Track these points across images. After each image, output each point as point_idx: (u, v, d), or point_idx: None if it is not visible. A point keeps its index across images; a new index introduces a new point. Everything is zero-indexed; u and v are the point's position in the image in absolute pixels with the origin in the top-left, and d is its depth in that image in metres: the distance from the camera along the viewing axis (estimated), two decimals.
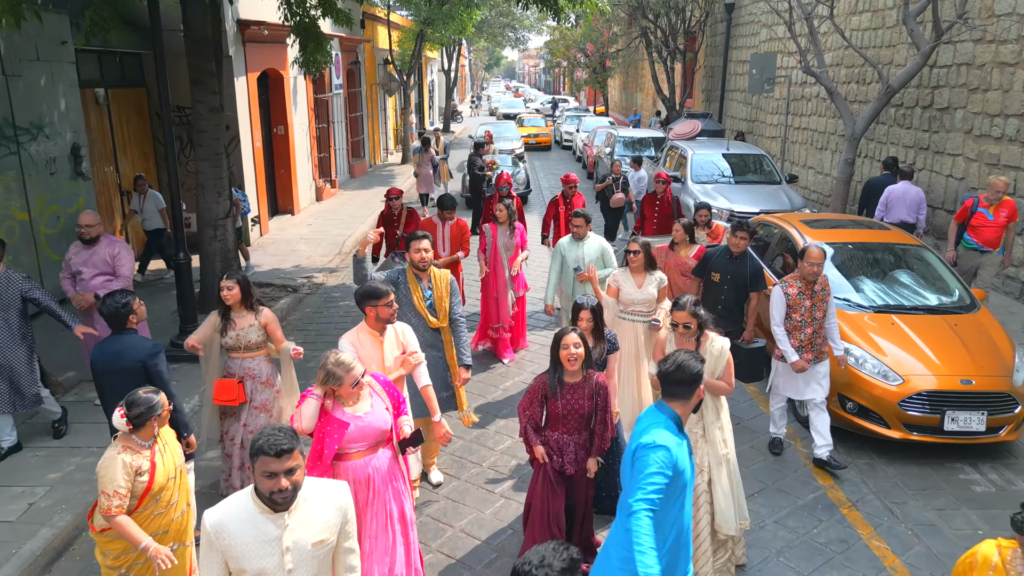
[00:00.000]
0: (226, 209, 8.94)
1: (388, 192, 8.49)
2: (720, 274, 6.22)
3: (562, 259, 6.60)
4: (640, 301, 5.67)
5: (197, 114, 8.54)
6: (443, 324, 5.10)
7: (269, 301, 9.63)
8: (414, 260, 5.01)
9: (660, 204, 9.19)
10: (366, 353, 4.32)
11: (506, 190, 8.81)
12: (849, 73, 13.76)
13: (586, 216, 6.60)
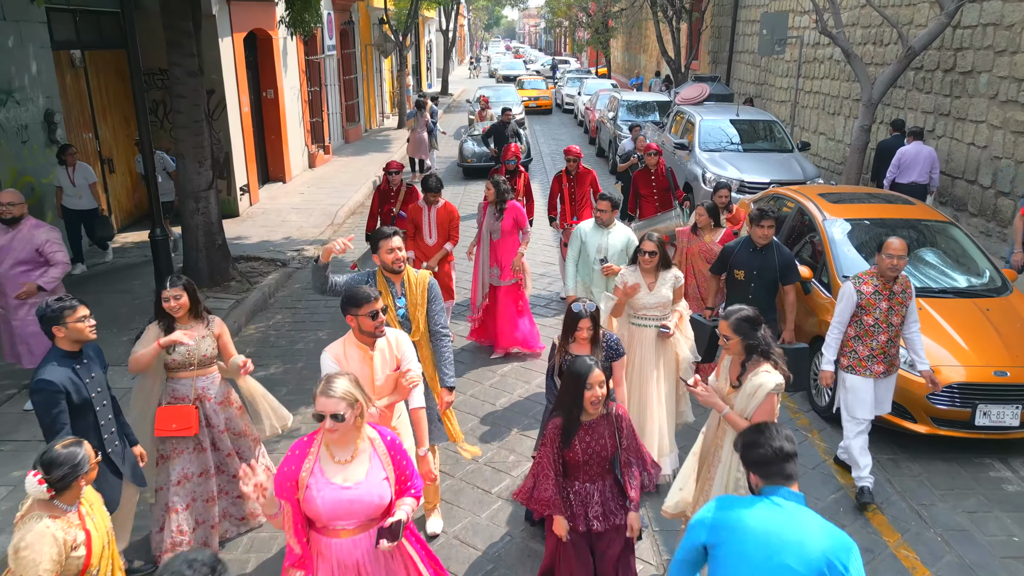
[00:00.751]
0: (208, 180, 8.45)
1: (387, 165, 7.83)
2: (744, 271, 5.46)
3: (581, 246, 5.88)
4: (652, 305, 4.94)
5: (174, 78, 8.00)
6: (415, 338, 4.27)
7: (257, 276, 9.20)
8: (386, 262, 4.20)
9: (656, 178, 8.47)
10: (352, 370, 3.58)
11: (513, 164, 8.18)
12: (865, 34, 13.11)
13: (612, 200, 5.87)
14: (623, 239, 5.82)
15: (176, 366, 4.18)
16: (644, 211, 8.47)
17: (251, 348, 7.43)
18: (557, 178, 8.19)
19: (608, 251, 5.77)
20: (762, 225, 5.38)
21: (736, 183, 10.30)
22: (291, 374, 6.85)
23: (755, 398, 3.54)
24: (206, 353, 4.24)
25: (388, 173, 7.77)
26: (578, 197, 8.04)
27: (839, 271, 6.09)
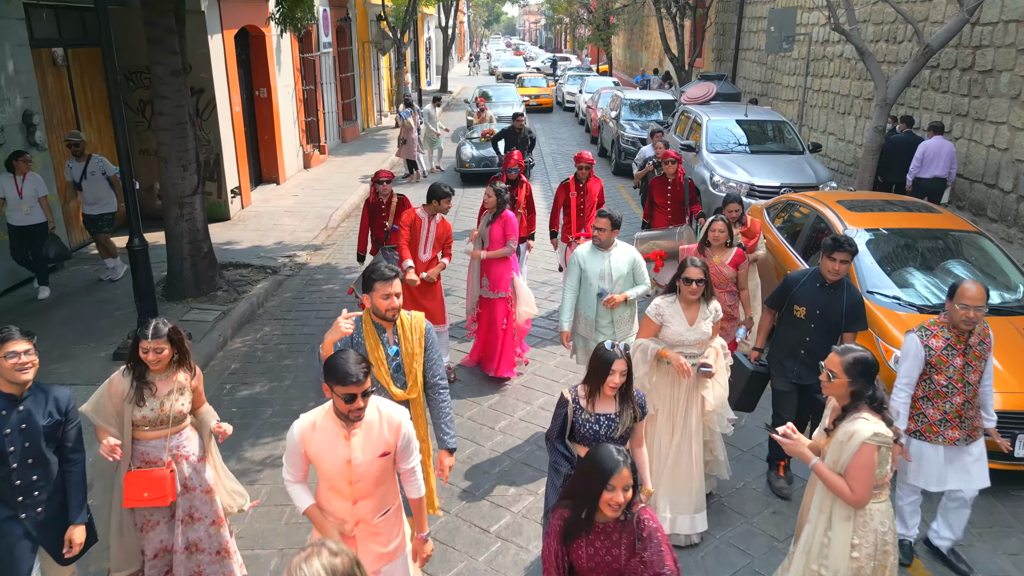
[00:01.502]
0: (193, 185, 8.04)
1: (376, 175, 7.05)
2: (807, 308, 4.64)
3: (580, 273, 5.14)
4: (692, 342, 4.26)
5: (156, 78, 7.58)
6: (412, 396, 3.66)
7: (245, 285, 8.79)
8: (379, 309, 3.54)
9: (672, 188, 7.86)
10: (323, 450, 2.95)
11: (516, 173, 7.53)
12: (878, 31, 12.68)
13: (612, 218, 5.05)
14: (627, 261, 5.13)
15: (145, 424, 3.54)
16: (655, 220, 7.94)
17: (236, 363, 7.03)
18: (564, 186, 7.53)
19: (612, 276, 5.07)
20: (834, 258, 4.48)
21: (745, 187, 9.90)
22: (277, 393, 6.44)
23: (848, 447, 3.07)
24: (182, 409, 3.62)
25: (377, 183, 7.02)
26: (587, 208, 7.44)
27: (863, 286, 5.68)
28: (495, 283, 6.44)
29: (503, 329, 6.45)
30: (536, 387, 6.49)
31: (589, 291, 5.14)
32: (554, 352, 7.17)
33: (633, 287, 5.17)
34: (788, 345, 4.75)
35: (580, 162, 7.44)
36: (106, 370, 6.51)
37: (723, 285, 5.49)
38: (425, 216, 6.21)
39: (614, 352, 3.33)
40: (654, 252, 7.18)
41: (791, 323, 4.73)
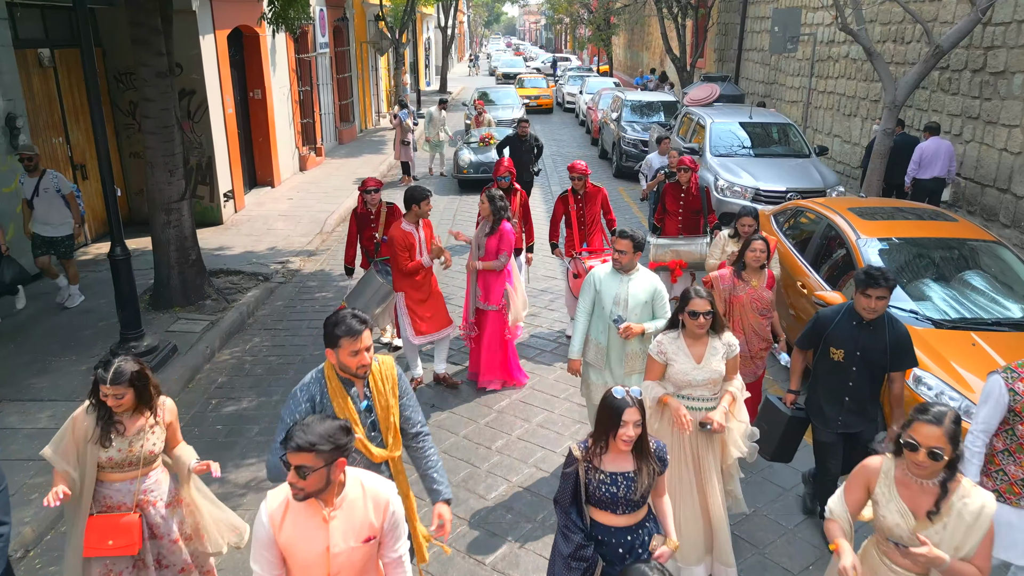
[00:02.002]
0: (180, 191, 7.77)
1: (363, 184, 6.66)
2: (845, 350, 4.12)
3: (595, 296, 4.68)
4: (701, 381, 3.80)
5: (141, 80, 7.31)
6: (395, 453, 3.17)
7: (235, 293, 8.52)
8: (348, 367, 2.97)
9: (685, 196, 7.46)
10: (296, 536, 2.49)
11: (507, 180, 7.17)
12: (885, 31, 12.41)
13: (635, 239, 4.53)
14: (647, 288, 4.58)
15: (112, 466, 3.24)
16: (666, 228, 7.59)
17: (223, 377, 6.76)
18: (562, 199, 7.16)
19: (628, 303, 4.55)
20: (869, 295, 3.94)
21: (750, 191, 9.63)
22: (265, 409, 6.17)
23: (978, 528, 2.61)
24: (152, 449, 3.32)
25: (364, 192, 6.64)
26: (588, 220, 7.06)
27: None
28: (487, 294, 6.20)
29: (506, 340, 6.27)
30: (535, 403, 6.22)
31: (603, 316, 4.67)
32: (553, 366, 6.90)
33: (652, 319, 4.62)
34: (829, 391, 4.25)
35: (573, 173, 7.00)
36: (87, 385, 6.23)
37: (764, 311, 4.94)
38: (412, 227, 5.96)
39: (624, 400, 2.87)
40: (673, 260, 6.95)
41: (830, 367, 4.22)
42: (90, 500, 3.28)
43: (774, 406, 4.41)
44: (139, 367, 3.25)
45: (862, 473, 2.92)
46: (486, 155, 14.14)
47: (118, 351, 6.45)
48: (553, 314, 8.17)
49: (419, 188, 5.96)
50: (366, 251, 6.85)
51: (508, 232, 6.08)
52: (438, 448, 5.47)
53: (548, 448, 5.51)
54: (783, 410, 4.37)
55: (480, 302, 6.24)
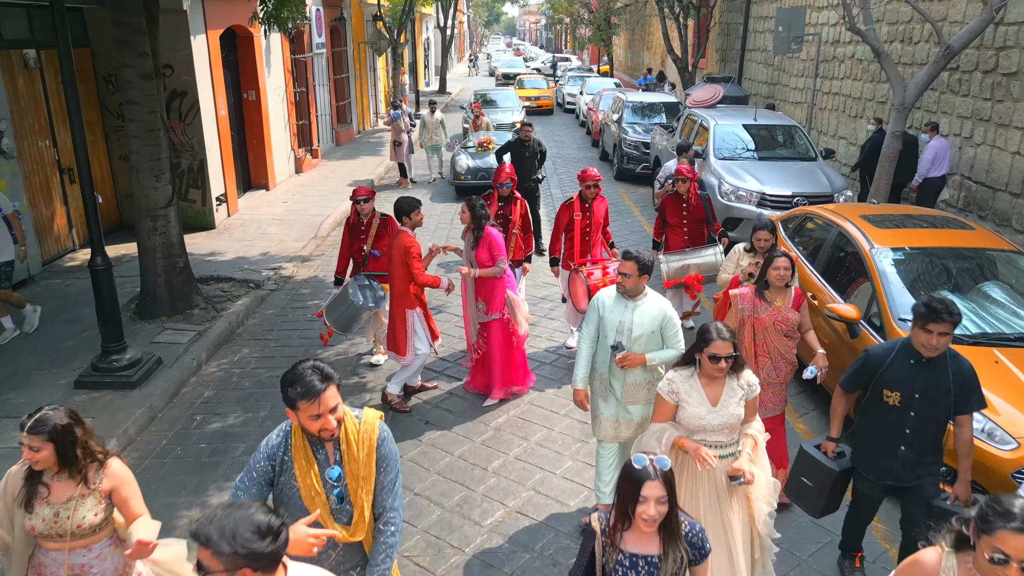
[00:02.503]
0: (167, 196, 7.50)
1: (354, 193, 6.42)
2: (902, 393, 3.63)
3: (599, 322, 4.26)
4: (717, 427, 3.39)
5: (125, 82, 7.05)
6: (357, 537, 2.66)
7: (225, 302, 8.26)
8: (310, 430, 2.56)
9: (687, 207, 7.11)
10: None
11: (508, 188, 6.82)
12: (892, 31, 12.14)
13: (640, 261, 4.08)
14: (655, 316, 4.13)
15: (40, 534, 2.87)
16: (671, 242, 7.24)
17: (209, 391, 6.49)
18: (567, 207, 6.70)
19: (632, 331, 4.12)
20: (930, 330, 3.47)
21: (756, 196, 9.37)
22: (252, 425, 5.91)
23: None
24: (82, 523, 2.86)
25: (355, 202, 6.39)
26: (592, 232, 6.68)
27: (893, 313, 5.15)
28: (489, 304, 5.95)
29: (513, 347, 6.06)
30: (533, 419, 5.96)
31: (605, 344, 4.26)
32: (553, 378, 6.63)
33: (658, 350, 4.14)
34: (881, 440, 3.74)
35: (586, 180, 6.59)
36: (66, 400, 5.99)
37: (791, 333, 4.57)
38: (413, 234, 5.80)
39: (645, 471, 2.44)
40: (689, 276, 6.61)
41: (882, 412, 3.72)
42: (22, 571, 2.92)
43: (816, 460, 3.87)
44: (68, 421, 2.83)
45: (916, 573, 2.43)
46: (484, 160, 13.59)
47: (99, 364, 6.22)
48: (553, 323, 7.90)
49: (408, 198, 5.75)
50: (355, 263, 6.61)
51: (495, 236, 5.81)
52: (432, 469, 5.22)
53: (547, 469, 5.25)
54: (828, 464, 3.83)
55: (484, 314, 5.99)
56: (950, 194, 10.41)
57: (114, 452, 2.92)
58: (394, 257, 5.71)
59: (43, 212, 9.40)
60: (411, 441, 5.65)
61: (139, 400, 6.03)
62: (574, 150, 19.29)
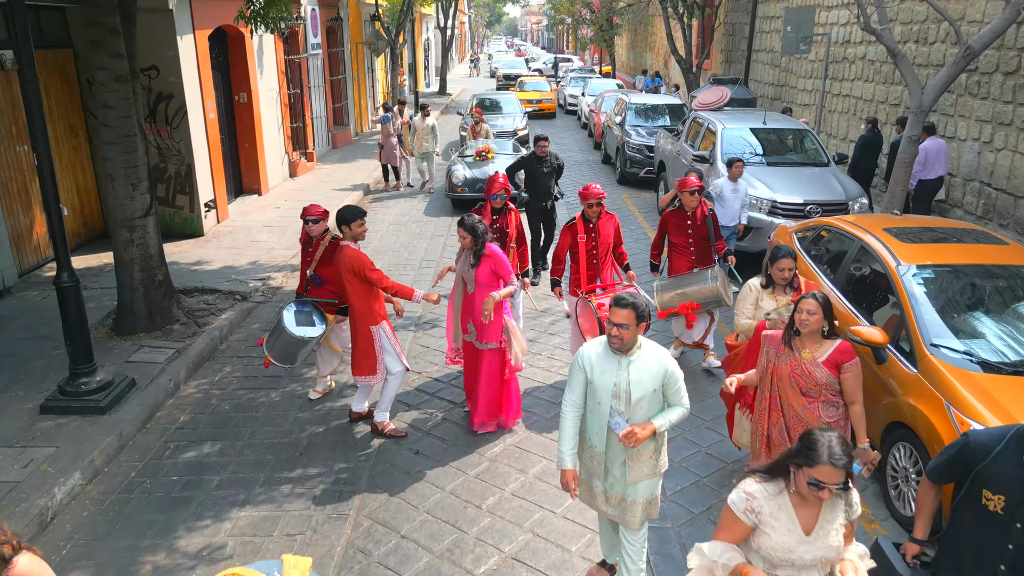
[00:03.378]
0: (145, 206, 7.09)
1: (305, 211, 5.89)
2: (1007, 497, 2.82)
3: (585, 383, 3.52)
4: (810, 562, 2.66)
5: (99, 84, 6.63)
6: None
7: (208, 316, 7.84)
8: None
9: (693, 224, 6.45)
10: None
11: (502, 199, 6.39)
12: (906, 31, 11.71)
13: (637, 309, 3.35)
14: (655, 371, 3.42)
15: None
16: (675, 265, 6.56)
17: (186, 415, 6.07)
18: (570, 229, 6.10)
19: (631, 395, 3.40)
20: None
21: (766, 204, 8.94)
22: (229, 454, 5.49)
23: None
24: None
25: (305, 222, 5.87)
26: (600, 253, 6.08)
27: (924, 337, 4.72)
28: (483, 331, 5.41)
29: (505, 380, 5.51)
30: (532, 449, 5.53)
31: (598, 412, 3.50)
32: (554, 402, 6.21)
33: (662, 412, 3.51)
34: (976, 551, 2.95)
35: (588, 199, 5.99)
36: (30, 427, 5.58)
37: (814, 392, 3.84)
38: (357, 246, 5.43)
39: None
40: (683, 305, 6.01)
41: (979, 516, 2.92)
42: None
43: (890, 563, 3.20)
44: None
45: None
46: (483, 171, 12.62)
47: (67, 388, 5.80)
48: (554, 339, 7.48)
49: (351, 208, 5.37)
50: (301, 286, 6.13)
51: (498, 254, 5.32)
52: (421, 507, 4.81)
53: (547, 508, 4.82)
54: (903, 573, 3.15)
55: (476, 341, 5.48)
56: (957, 195, 10.14)
57: (25, 546, 2.41)
58: (343, 274, 5.28)
59: (21, 220, 8.98)
60: (400, 473, 5.22)
61: (108, 427, 5.61)
62: (576, 153, 18.86)
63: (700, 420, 5.88)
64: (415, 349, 7.29)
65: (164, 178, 10.75)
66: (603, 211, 6.11)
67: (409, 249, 10.79)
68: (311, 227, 5.85)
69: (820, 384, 3.80)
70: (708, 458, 5.39)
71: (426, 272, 9.71)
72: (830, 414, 3.86)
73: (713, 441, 5.60)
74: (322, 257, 5.82)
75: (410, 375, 6.71)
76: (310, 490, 5.04)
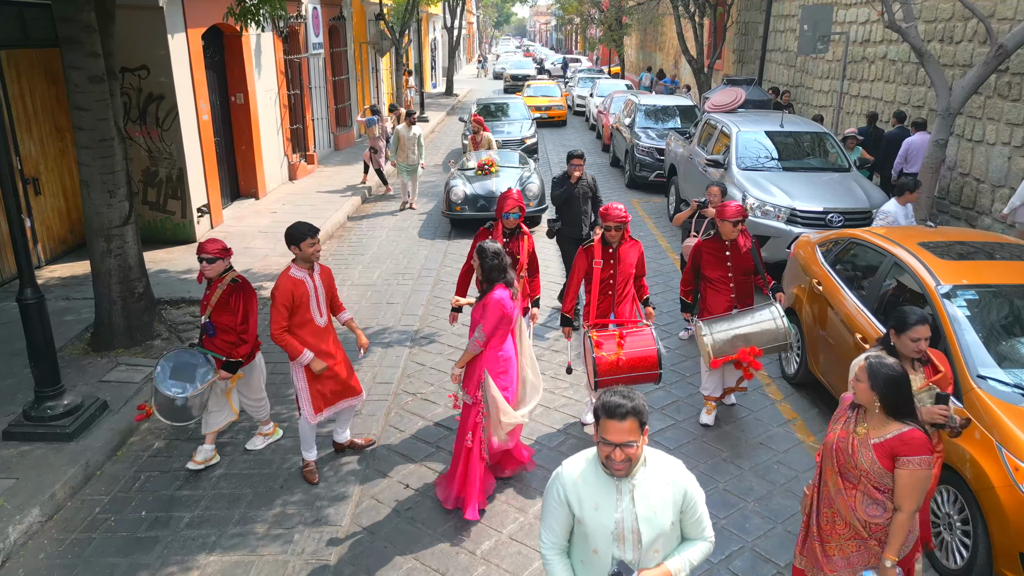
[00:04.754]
0: (123, 214, 6.66)
1: (200, 248, 4.86)
2: None
3: (569, 521, 2.57)
4: None
5: (72, 85, 6.21)
6: None
7: (193, 329, 7.41)
8: None
9: (733, 256, 5.45)
10: None
11: (515, 218, 5.52)
12: (930, 30, 11.18)
13: (641, 417, 2.42)
14: (668, 496, 2.53)
15: None
16: (710, 303, 5.52)
17: (160, 440, 5.62)
18: (586, 252, 5.22)
19: (641, 535, 2.50)
20: None
21: (785, 212, 8.44)
22: (204, 486, 5.03)
23: None
24: None
25: (200, 259, 4.86)
26: (619, 283, 5.20)
27: (970, 368, 4.23)
28: (465, 377, 4.65)
29: (467, 447, 4.54)
30: (533, 483, 5.05)
31: (594, 564, 2.55)
32: (561, 432, 5.72)
33: (679, 548, 2.62)
34: None
35: (607, 220, 5.16)
36: None
37: (852, 477, 3.10)
38: (303, 274, 4.75)
39: None
40: (743, 351, 5.13)
41: None
42: None
43: None
44: None
45: None
46: (485, 186, 11.16)
47: (32, 413, 5.37)
48: (559, 356, 7.00)
49: (300, 225, 4.70)
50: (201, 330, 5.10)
51: (494, 304, 4.39)
52: (409, 553, 4.34)
53: None
54: None
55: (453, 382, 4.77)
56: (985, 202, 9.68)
57: None
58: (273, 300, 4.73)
59: (0, 226, 8.59)
60: (388, 513, 4.76)
61: (74, 455, 5.18)
62: None
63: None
64: (410, 367, 6.84)
65: (155, 182, 10.35)
66: (626, 236, 5.25)
67: (379, 273, 10.35)
68: (206, 267, 4.86)
69: (860, 469, 3.05)
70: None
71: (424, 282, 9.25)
72: (872, 513, 3.06)
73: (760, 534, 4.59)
74: (219, 302, 4.88)
75: (404, 398, 6.27)
76: (288, 531, 4.59)
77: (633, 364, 4.87)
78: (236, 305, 4.87)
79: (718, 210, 5.51)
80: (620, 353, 4.85)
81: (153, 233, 10.45)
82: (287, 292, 4.66)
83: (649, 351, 4.91)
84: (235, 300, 4.87)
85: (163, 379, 4.82)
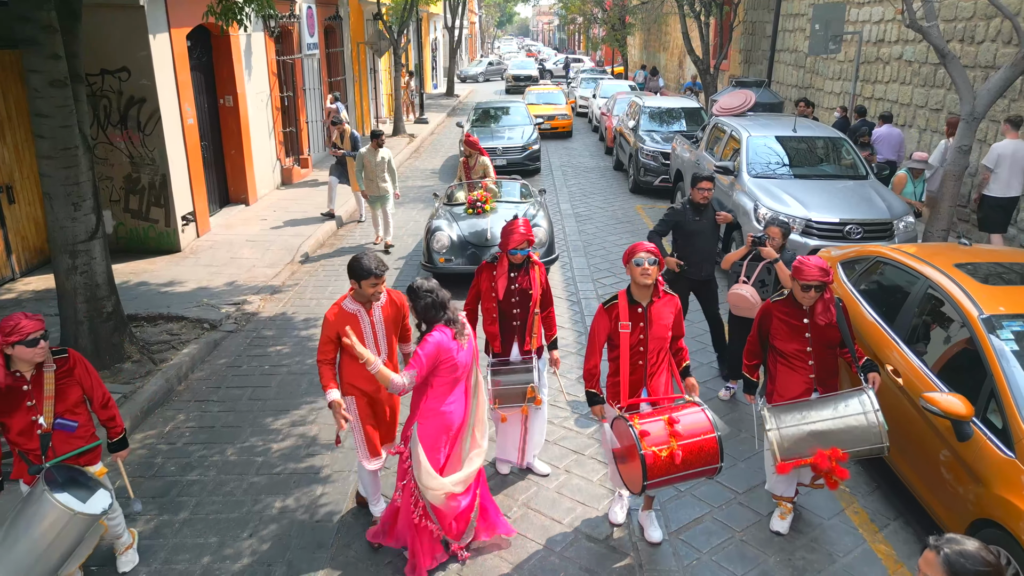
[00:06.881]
0: (89, 228, 6.20)
1: (12, 328, 3.59)
2: None
3: None
4: None
5: (32, 90, 5.74)
6: None
7: (167, 350, 6.95)
8: None
9: (814, 324, 4.25)
10: None
11: (524, 254, 4.70)
12: (949, 29, 10.67)
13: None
14: None
15: None
16: (781, 384, 4.35)
17: (122, 480, 5.14)
18: (607, 312, 4.15)
19: None
20: None
21: (801, 223, 7.94)
22: (166, 534, 4.57)
23: None
24: None
25: (14, 346, 3.59)
26: (650, 352, 4.12)
27: (1022, 411, 3.73)
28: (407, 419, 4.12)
29: (397, 494, 4.07)
30: (530, 533, 4.57)
31: None
32: (584, 460, 5.24)
33: None
34: None
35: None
36: None
37: None
38: (357, 307, 4.20)
39: None
40: (820, 453, 3.99)
41: None
42: None
43: None
44: None
45: None
46: (475, 229, 8.76)
47: None
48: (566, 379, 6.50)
49: (366, 260, 4.02)
50: (24, 453, 3.81)
51: (430, 344, 3.78)
52: None
53: None
54: None
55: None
56: None
57: None
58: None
59: None
60: (366, 566, 4.28)
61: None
62: (586, 158, 17.88)
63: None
64: None
65: (137, 189, 9.90)
66: (660, 288, 4.14)
67: None
68: (31, 352, 3.59)
69: None
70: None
71: None
72: None
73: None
74: (59, 392, 3.78)
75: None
76: None
77: (690, 457, 3.74)
78: (82, 377, 3.83)
79: (794, 269, 4.21)
80: (674, 445, 3.70)
81: (136, 242, 10.01)
82: (332, 328, 4.09)
83: (708, 438, 3.78)
84: (79, 371, 3.82)
85: (76, 503, 3.58)
